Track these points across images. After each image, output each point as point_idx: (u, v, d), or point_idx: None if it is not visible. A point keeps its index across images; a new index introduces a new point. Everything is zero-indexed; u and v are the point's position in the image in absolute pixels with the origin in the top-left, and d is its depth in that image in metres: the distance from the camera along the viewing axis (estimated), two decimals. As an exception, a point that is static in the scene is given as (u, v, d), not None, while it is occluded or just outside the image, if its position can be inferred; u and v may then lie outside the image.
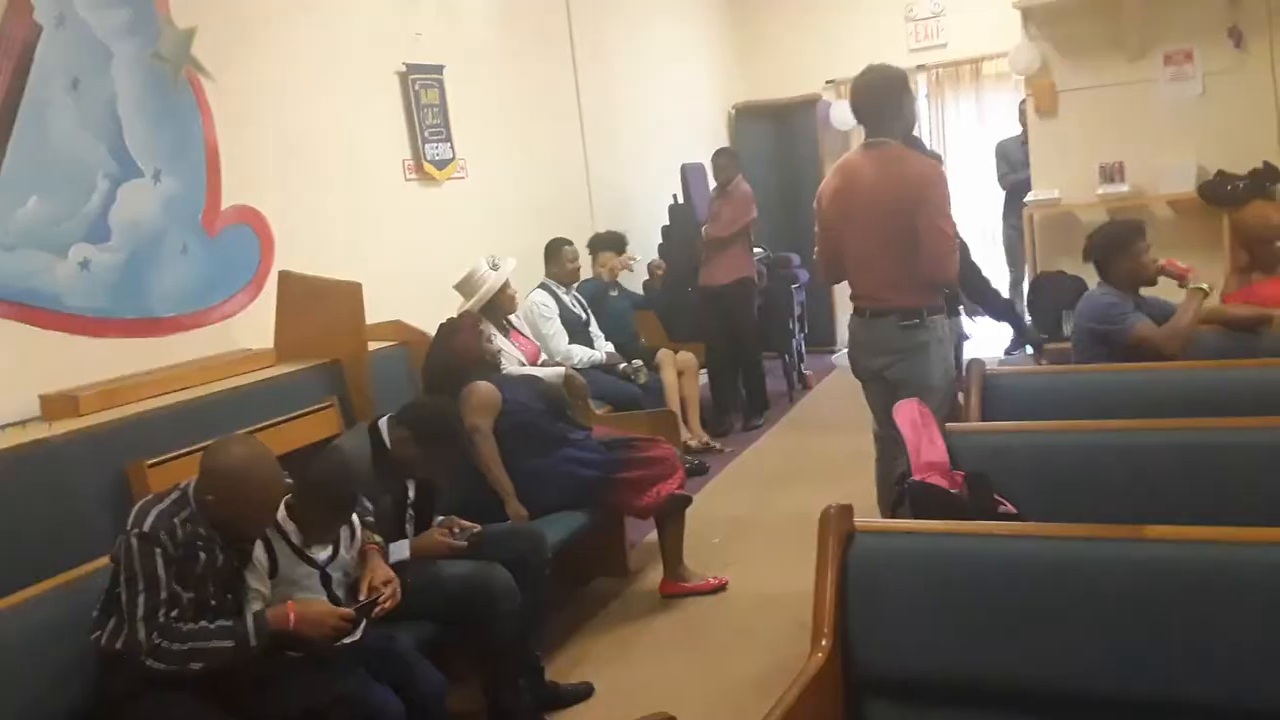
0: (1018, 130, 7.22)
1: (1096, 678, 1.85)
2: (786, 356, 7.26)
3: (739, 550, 4.42)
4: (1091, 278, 3.92)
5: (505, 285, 4.57)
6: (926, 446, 2.59)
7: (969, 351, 5.37)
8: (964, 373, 3.55)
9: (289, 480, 2.62)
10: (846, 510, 2.11)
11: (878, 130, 3.51)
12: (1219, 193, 5.58)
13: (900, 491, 2.57)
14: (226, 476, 2.44)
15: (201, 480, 2.47)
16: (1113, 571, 1.90)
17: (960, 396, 3.51)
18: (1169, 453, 2.58)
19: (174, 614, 2.35)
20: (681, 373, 5.87)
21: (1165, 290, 3.83)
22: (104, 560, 2.48)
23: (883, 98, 3.48)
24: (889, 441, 3.46)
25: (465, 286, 4.54)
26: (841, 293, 8.93)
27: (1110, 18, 5.92)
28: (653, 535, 4.41)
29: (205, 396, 3.50)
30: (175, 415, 3.31)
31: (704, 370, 6.42)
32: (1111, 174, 5.93)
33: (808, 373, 7.57)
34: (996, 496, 2.52)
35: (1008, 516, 2.49)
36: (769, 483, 5.39)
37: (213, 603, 2.47)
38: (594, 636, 3.77)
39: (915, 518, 2.48)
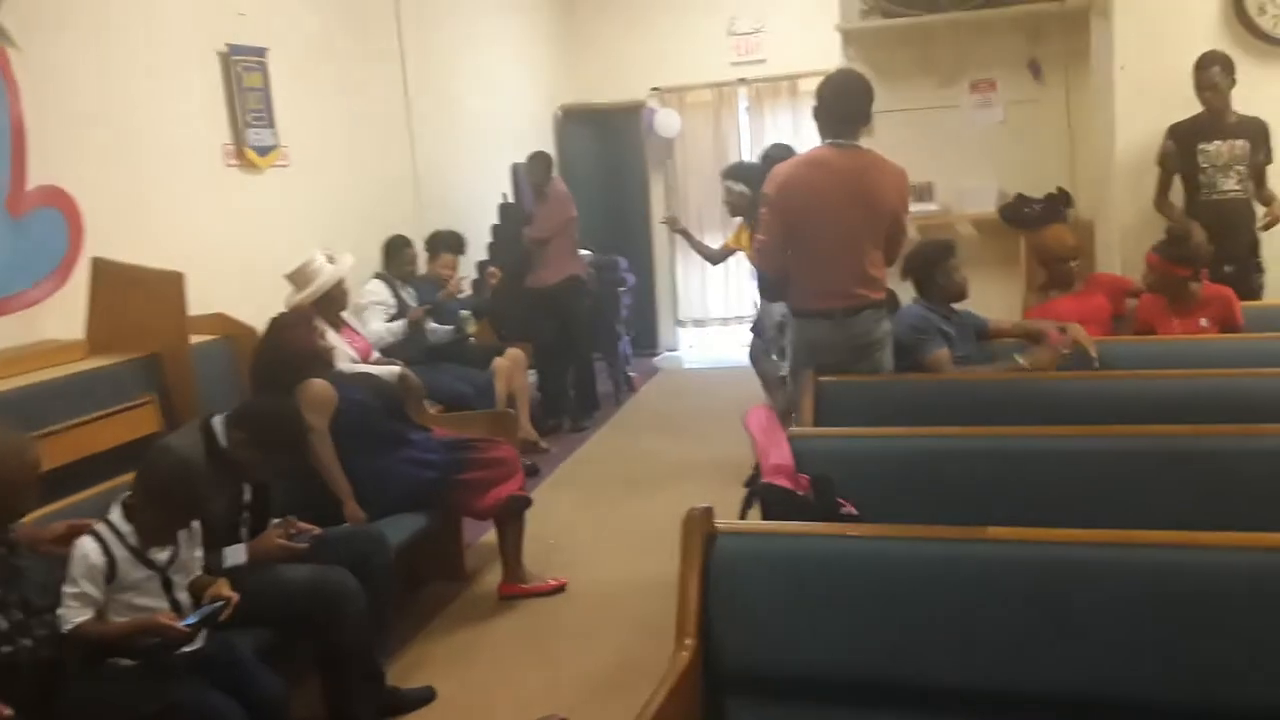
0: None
1: (947, 672, 1.96)
2: (613, 359, 7.35)
3: (574, 552, 4.44)
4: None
5: (340, 281, 4.43)
6: (774, 450, 2.69)
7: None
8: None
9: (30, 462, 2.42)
10: (708, 512, 2.16)
11: (842, 132, 3.61)
12: (1017, 214, 5.99)
13: (750, 493, 2.65)
14: None
15: None
16: (958, 570, 2.02)
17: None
18: (995, 457, 2.77)
19: None
20: (509, 374, 5.84)
21: (976, 303, 4.11)
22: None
23: (853, 103, 3.61)
24: None
25: (299, 277, 4.37)
26: (664, 299, 9.23)
27: (923, 45, 6.26)
28: (488, 537, 4.39)
29: (9, 390, 3.25)
30: (-23, 410, 3.06)
31: (531, 371, 6.42)
32: (922, 194, 6.26)
33: (633, 375, 7.68)
34: (839, 499, 2.64)
35: (850, 518, 2.61)
36: (602, 484, 5.44)
37: None
38: (433, 640, 3.72)
39: (765, 519, 2.58)
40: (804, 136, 9.08)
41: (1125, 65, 5.14)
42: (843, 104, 3.61)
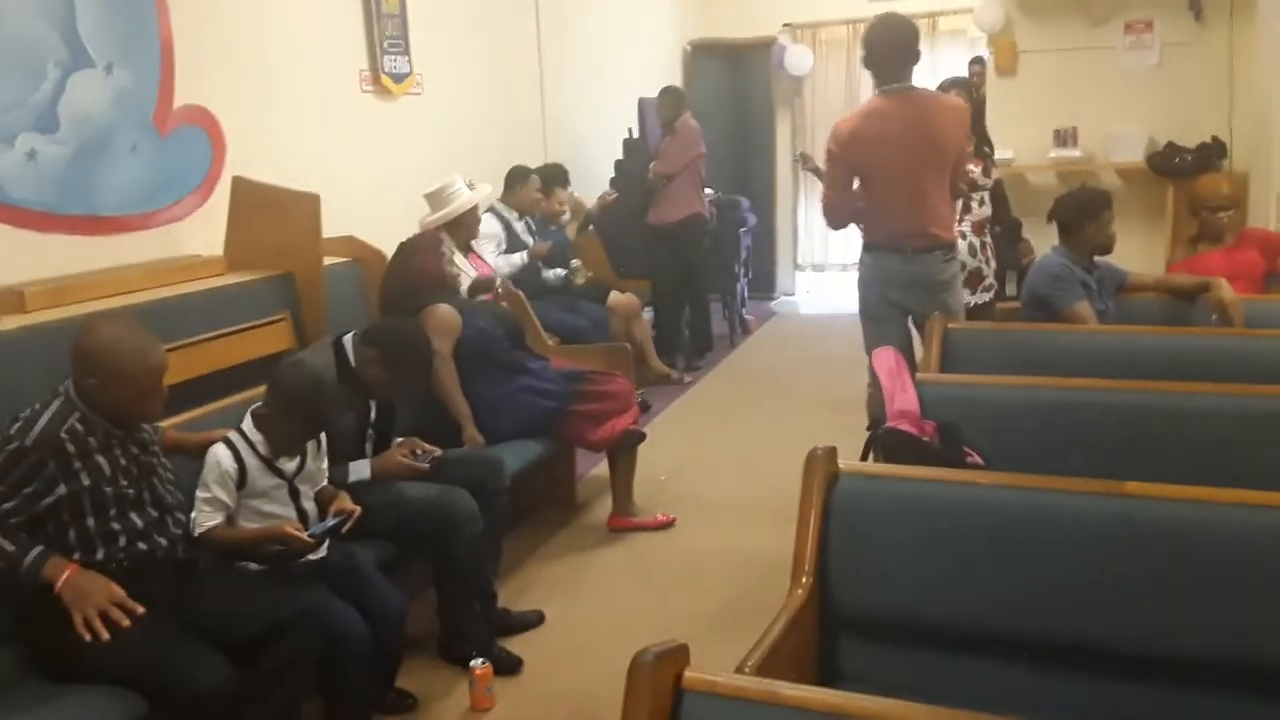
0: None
1: (1074, 628, 1.90)
2: (729, 300, 7.28)
3: (683, 489, 4.45)
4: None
5: (475, 208, 4.47)
6: (900, 395, 2.63)
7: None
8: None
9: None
10: (831, 453, 2.13)
11: (898, 77, 3.66)
12: (1167, 164, 5.70)
13: (873, 436, 2.59)
14: (102, 354, 2.33)
15: (78, 370, 2.36)
16: (1091, 524, 1.95)
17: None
18: (1129, 412, 2.65)
19: (12, 514, 2.24)
20: (626, 313, 5.83)
21: (1116, 255, 3.93)
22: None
23: (906, 46, 3.65)
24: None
25: (435, 198, 4.41)
26: (784, 242, 9.08)
27: (1075, -19, 5.96)
28: (599, 469, 4.43)
29: (155, 301, 3.36)
30: (124, 319, 3.18)
31: (647, 308, 6.41)
32: (1065, 139, 6.00)
33: (749, 318, 7.61)
34: (965, 448, 2.57)
35: (975, 467, 2.54)
36: (713, 424, 5.43)
37: (130, 494, 2.37)
38: (542, 566, 3.78)
39: (888, 463, 2.52)
40: (943, 76, 8.76)
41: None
42: (892, 51, 3.66)
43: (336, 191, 4.21)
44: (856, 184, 3.76)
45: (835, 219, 3.92)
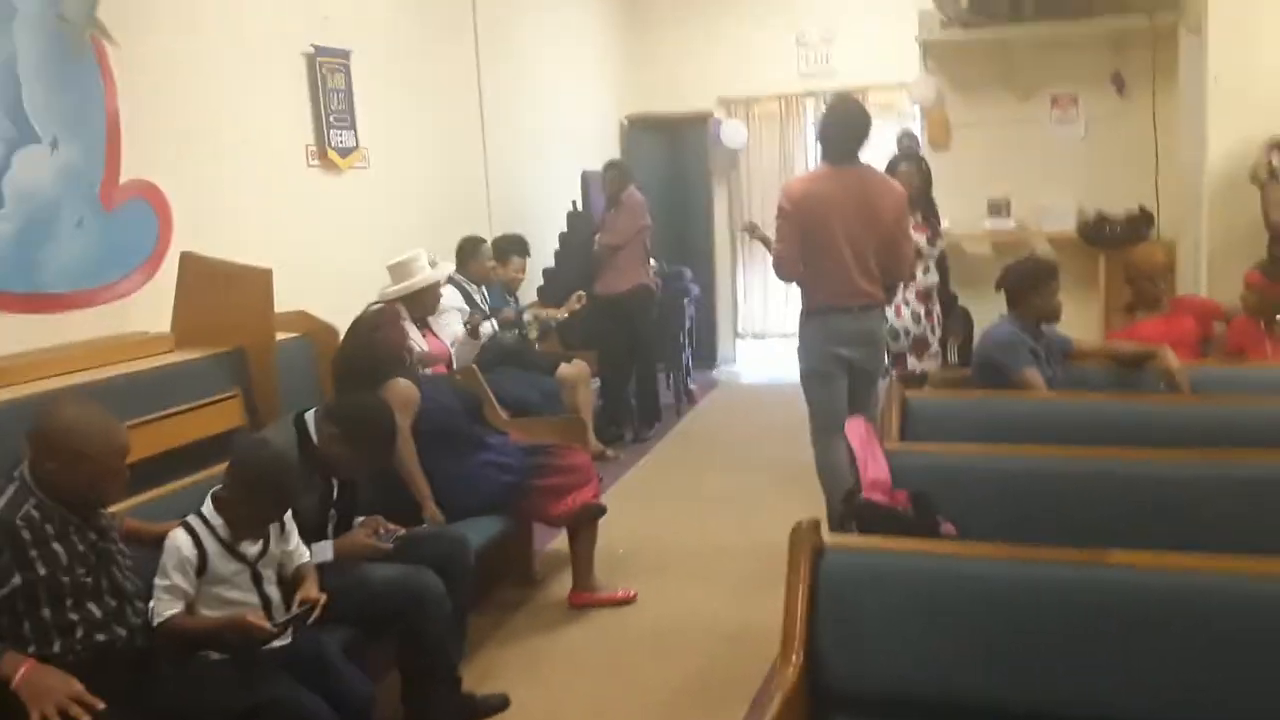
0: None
1: (1065, 702, 1.90)
2: (676, 370, 7.30)
3: (643, 562, 4.39)
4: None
5: (436, 284, 4.45)
6: (872, 464, 2.63)
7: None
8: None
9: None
10: (815, 525, 2.12)
11: (846, 157, 4.03)
12: (1098, 234, 5.89)
13: (848, 507, 2.59)
14: (63, 436, 2.27)
15: (36, 452, 2.28)
16: (1078, 594, 1.96)
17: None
18: (1097, 479, 2.68)
19: None
20: (575, 384, 5.82)
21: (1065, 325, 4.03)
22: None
23: (856, 131, 4.03)
24: (828, 448, 3.99)
25: (399, 270, 4.38)
26: (724, 311, 9.16)
27: (1003, 58, 6.19)
28: (556, 543, 4.36)
29: (102, 380, 3.28)
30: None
31: (593, 379, 6.38)
32: (998, 209, 6.18)
33: (693, 387, 7.63)
34: (939, 518, 2.58)
35: (949, 537, 2.55)
36: (667, 496, 5.40)
37: (88, 583, 2.28)
38: (505, 646, 3.69)
39: (862, 534, 2.52)
40: (872, 151, 8.98)
41: (1219, 75, 4.99)
42: (844, 133, 4.03)
43: (285, 265, 4.14)
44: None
45: (787, 272, 4.15)
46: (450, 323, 5.02)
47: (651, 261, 6.79)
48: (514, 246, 5.90)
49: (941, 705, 2.01)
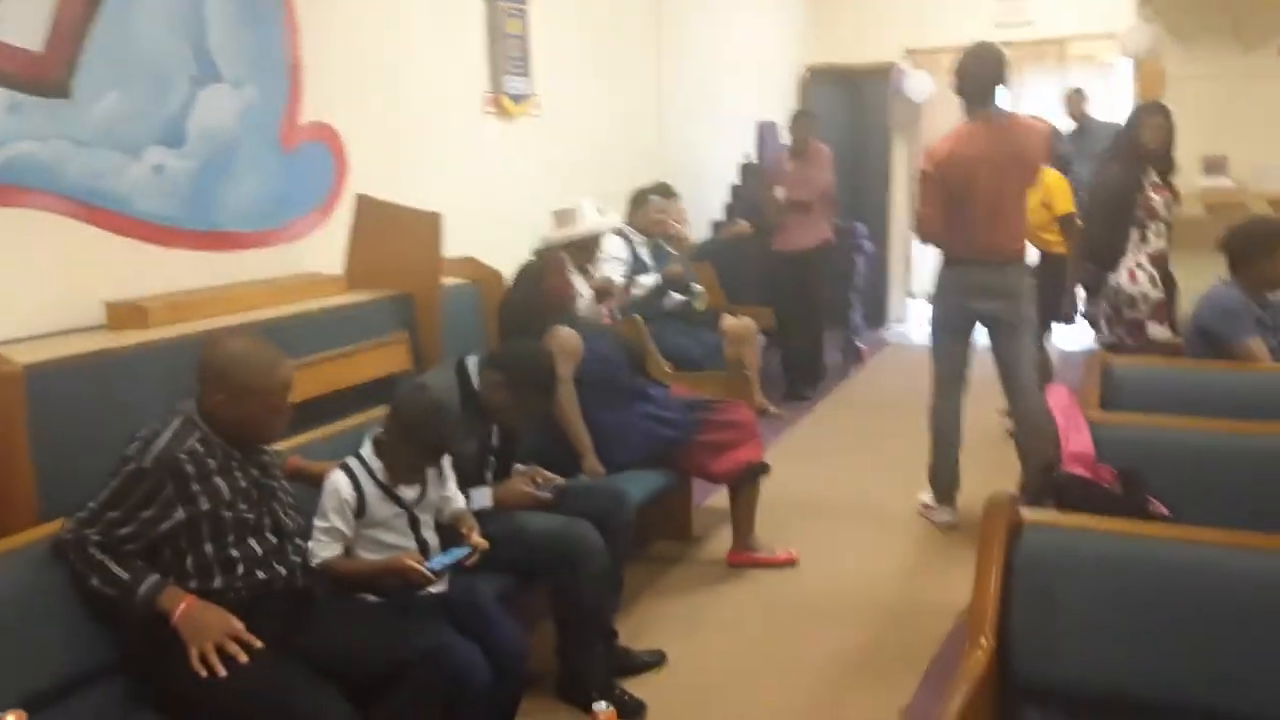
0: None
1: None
2: (845, 329, 7.06)
3: (804, 525, 4.22)
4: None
5: (599, 234, 4.36)
6: (1074, 435, 2.39)
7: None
8: None
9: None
10: (1014, 499, 1.91)
11: (983, 103, 3.96)
12: (1330, 194, 5.32)
13: (1045, 481, 2.36)
14: (232, 368, 2.24)
15: (204, 384, 2.27)
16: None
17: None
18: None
19: (128, 540, 2.15)
20: (740, 339, 5.65)
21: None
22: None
23: (995, 73, 3.97)
24: (949, 414, 4.18)
25: (562, 218, 4.32)
26: (896, 269, 8.81)
27: (1228, 5, 5.62)
28: (715, 500, 4.24)
29: (275, 318, 3.29)
30: (244, 336, 3.11)
31: (761, 336, 6.20)
32: (1213, 167, 5.65)
33: (862, 347, 7.36)
34: (1149, 496, 2.32)
35: (1160, 518, 2.29)
36: (832, 456, 5.21)
37: (250, 519, 2.27)
38: (661, 602, 3.60)
39: (1061, 511, 2.28)
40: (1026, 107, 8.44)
41: None
42: (983, 80, 3.98)
43: (455, 212, 4.11)
44: None
45: (927, 233, 4.17)
46: (613, 273, 4.93)
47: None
48: (663, 193, 5.54)
49: (1144, 705, 1.78)
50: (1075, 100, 7.21)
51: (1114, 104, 8.15)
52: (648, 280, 5.12)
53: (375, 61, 4.20)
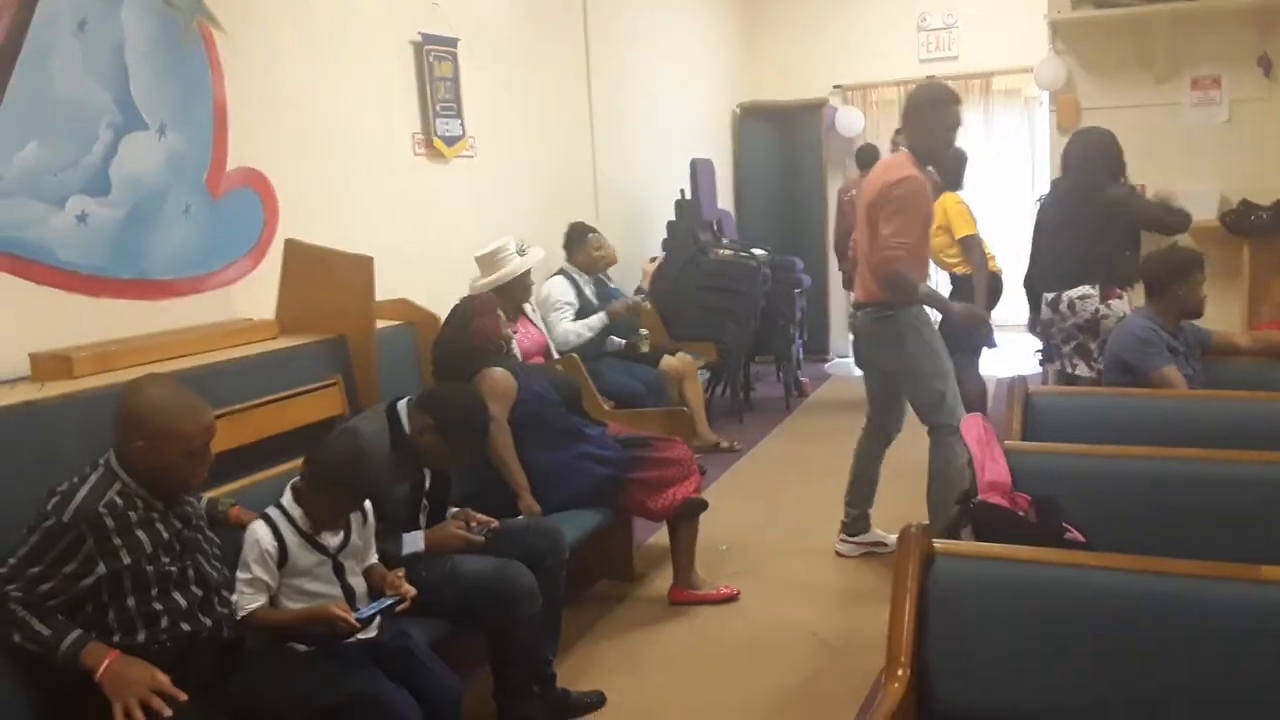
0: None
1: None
2: (786, 362, 7.13)
3: (746, 559, 4.25)
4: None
5: (526, 273, 4.38)
6: (990, 465, 2.45)
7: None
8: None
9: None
10: (925, 530, 1.95)
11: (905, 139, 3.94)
12: (1242, 223, 5.50)
13: (962, 511, 2.41)
14: (150, 414, 2.22)
15: (123, 430, 2.24)
16: (1222, 615, 1.76)
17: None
18: (1245, 487, 2.44)
19: (49, 596, 2.13)
20: (681, 377, 5.70)
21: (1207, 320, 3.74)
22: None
23: (911, 110, 3.84)
24: (877, 431, 4.20)
25: (487, 262, 4.34)
26: (836, 302, 8.93)
27: (1139, 39, 5.83)
28: (656, 538, 4.26)
29: (205, 365, 3.26)
30: (172, 384, 3.08)
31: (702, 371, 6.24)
32: (1132, 196, 5.81)
33: (804, 380, 7.44)
34: (1064, 524, 2.38)
35: (1076, 545, 2.35)
36: (773, 491, 5.24)
37: (173, 572, 2.24)
38: (602, 643, 3.60)
39: (978, 540, 2.33)
40: (995, 136, 8.66)
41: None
42: (906, 109, 3.91)
43: (388, 254, 4.13)
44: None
45: (915, 265, 3.92)
46: (561, 319, 4.95)
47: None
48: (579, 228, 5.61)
49: (1063, 732, 1.82)
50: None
51: (1035, 137, 8.41)
52: (594, 323, 5.14)
53: (304, 106, 4.20)
